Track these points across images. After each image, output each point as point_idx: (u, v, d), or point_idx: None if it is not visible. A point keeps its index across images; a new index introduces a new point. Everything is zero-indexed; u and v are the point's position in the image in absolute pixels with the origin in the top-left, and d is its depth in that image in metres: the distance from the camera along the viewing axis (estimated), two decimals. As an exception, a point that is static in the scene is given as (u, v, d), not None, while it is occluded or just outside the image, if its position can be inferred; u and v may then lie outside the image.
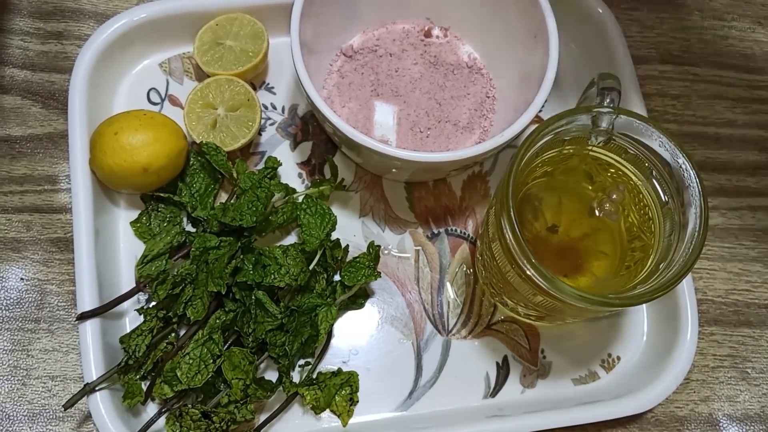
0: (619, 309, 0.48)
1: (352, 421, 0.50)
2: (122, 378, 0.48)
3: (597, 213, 0.46)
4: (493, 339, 0.54)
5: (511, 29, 0.54)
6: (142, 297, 0.52)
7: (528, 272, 0.41)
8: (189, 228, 0.54)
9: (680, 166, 0.43)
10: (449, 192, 0.57)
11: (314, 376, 0.51)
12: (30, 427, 0.50)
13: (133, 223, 0.53)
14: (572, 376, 0.54)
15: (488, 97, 0.57)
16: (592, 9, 0.59)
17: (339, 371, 0.51)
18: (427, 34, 0.59)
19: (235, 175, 0.53)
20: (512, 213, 0.40)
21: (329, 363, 0.52)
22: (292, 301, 0.50)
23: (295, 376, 0.51)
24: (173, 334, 0.49)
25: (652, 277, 0.43)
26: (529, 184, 0.46)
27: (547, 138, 0.43)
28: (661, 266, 0.43)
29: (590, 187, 0.47)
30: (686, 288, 0.52)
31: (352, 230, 0.56)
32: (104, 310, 0.48)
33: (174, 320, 0.49)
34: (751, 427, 0.54)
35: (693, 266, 0.40)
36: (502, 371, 0.53)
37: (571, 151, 0.46)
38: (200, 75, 0.58)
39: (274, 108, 0.58)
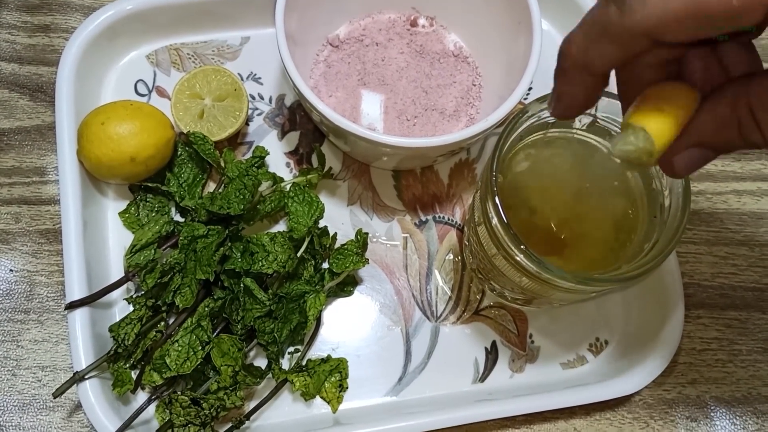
0: (603, 289, 0.48)
1: (342, 407, 0.51)
2: (111, 366, 0.48)
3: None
4: (482, 324, 0.54)
5: (495, 17, 0.54)
6: (131, 286, 0.52)
7: (514, 255, 0.41)
8: (177, 218, 0.54)
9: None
10: (437, 179, 0.57)
11: (303, 363, 0.51)
12: (20, 417, 0.50)
13: (121, 214, 0.54)
14: (560, 361, 0.54)
15: (474, 85, 0.58)
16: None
17: (328, 358, 0.51)
18: (413, 24, 0.59)
19: (222, 164, 0.54)
20: (497, 198, 0.40)
21: (319, 350, 0.53)
22: (281, 288, 0.50)
23: (285, 364, 0.51)
24: (162, 323, 0.50)
25: (636, 257, 0.43)
26: (515, 168, 0.47)
27: (530, 122, 0.44)
28: (645, 247, 0.43)
29: (575, 170, 0.47)
30: (672, 271, 0.53)
31: (340, 218, 0.56)
32: (93, 299, 0.49)
33: (163, 309, 0.49)
34: (739, 409, 0.54)
35: (675, 247, 0.41)
36: (491, 356, 0.54)
37: (555, 134, 0.46)
38: (187, 66, 0.58)
39: (262, 98, 0.58)
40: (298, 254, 0.50)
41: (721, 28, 0.26)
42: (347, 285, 0.54)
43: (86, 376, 0.47)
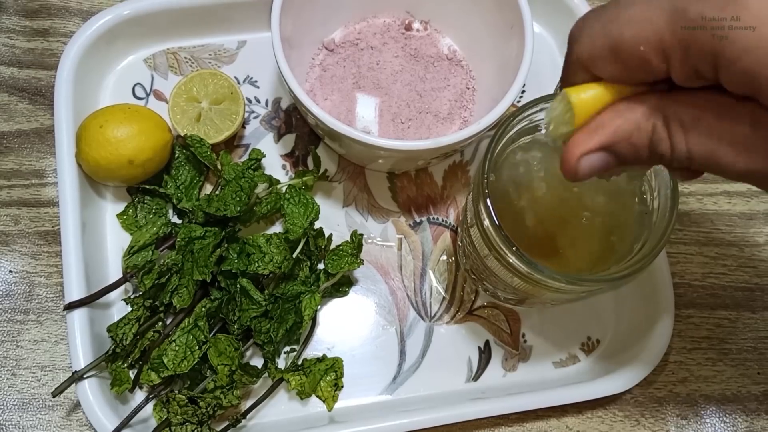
0: (594, 289, 0.50)
1: (337, 405, 0.52)
2: (110, 366, 0.49)
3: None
4: (475, 324, 0.55)
5: (488, 21, 0.55)
6: (129, 287, 0.53)
7: (505, 256, 0.42)
8: (175, 219, 0.55)
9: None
10: (431, 181, 0.58)
11: (299, 362, 0.52)
12: (20, 416, 0.51)
13: (119, 216, 0.54)
14: (553, 360, 0.55)
15: (468, 89, 0.58)
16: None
17: (324, 357, 0.52)
18: (408, 28, 0.60)
19: (219, 167, 0.54)
20: (488, 199, 0.41)
21: (314, 350, 0.53)
22: (277, 288, 0.51)
23: (281, 363, 0.52)
24: (160, 323, 0.50)
25: (625, 258, 0.44)
26: (506, 170, 0.47)
27: (522, 124, 0.44)
28: (635, 248, 0.44)
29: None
30: (663, 271, 0.54)
31: (335, 220, 0.57)
32: (91, 299, 0.49)
33: (160, 309, 0.50)
34: (729, 407, 0.55)
35: (663, 247, 0.41)
36: (484, 355, 0.54)
37: (547, 137, 0.47)
38: (185, 70, 0.59)
39: (258, 101, 0.59)
40: (294, 255, 0.51)
41: (638, 74, 0.28)
42: (342, 285, 0.54)
43: (85, 376, 0.48)
